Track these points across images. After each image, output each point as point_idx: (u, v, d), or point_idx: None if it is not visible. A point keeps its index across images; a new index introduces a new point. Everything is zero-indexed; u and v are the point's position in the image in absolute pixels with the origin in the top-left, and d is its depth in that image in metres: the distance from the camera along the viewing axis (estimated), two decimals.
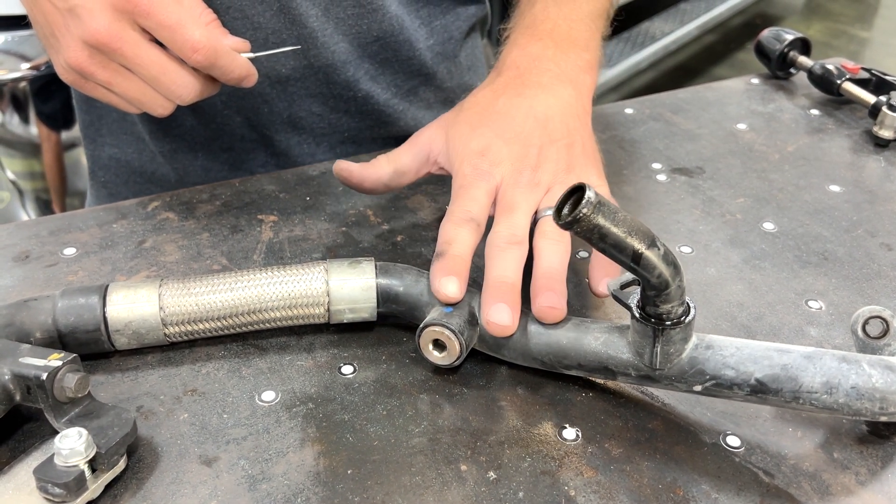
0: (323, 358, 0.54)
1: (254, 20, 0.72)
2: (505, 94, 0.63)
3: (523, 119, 0.60)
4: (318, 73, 0.77)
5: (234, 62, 0.61)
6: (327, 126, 0.81)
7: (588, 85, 0.65)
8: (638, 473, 0.47)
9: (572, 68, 0.64)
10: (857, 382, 0.45)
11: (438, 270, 0.53)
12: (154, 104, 0.61)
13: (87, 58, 0.57)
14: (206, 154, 0.81)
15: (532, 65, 0.64)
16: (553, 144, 0.60)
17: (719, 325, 0.58)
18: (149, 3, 0.56)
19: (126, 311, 0.51)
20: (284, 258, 0.64)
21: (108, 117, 0.83)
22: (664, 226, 0.69)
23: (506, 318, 0.50)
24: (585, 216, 0.40)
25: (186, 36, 0.57)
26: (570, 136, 0.61)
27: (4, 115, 1.74)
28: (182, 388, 0.52)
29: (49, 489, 0.42)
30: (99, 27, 0.55)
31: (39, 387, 0.44)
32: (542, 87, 0.62)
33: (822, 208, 0.72)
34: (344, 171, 0.64)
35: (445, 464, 0.47)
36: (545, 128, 0.60)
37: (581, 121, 0.63)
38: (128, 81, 0.59)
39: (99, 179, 0.87)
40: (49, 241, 0.64)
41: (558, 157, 0.59)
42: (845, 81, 0.88)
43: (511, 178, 0.58)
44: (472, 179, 0.58)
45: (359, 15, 0.76)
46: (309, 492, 0.45)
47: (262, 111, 0.78)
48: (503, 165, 0.58)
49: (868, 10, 4.49)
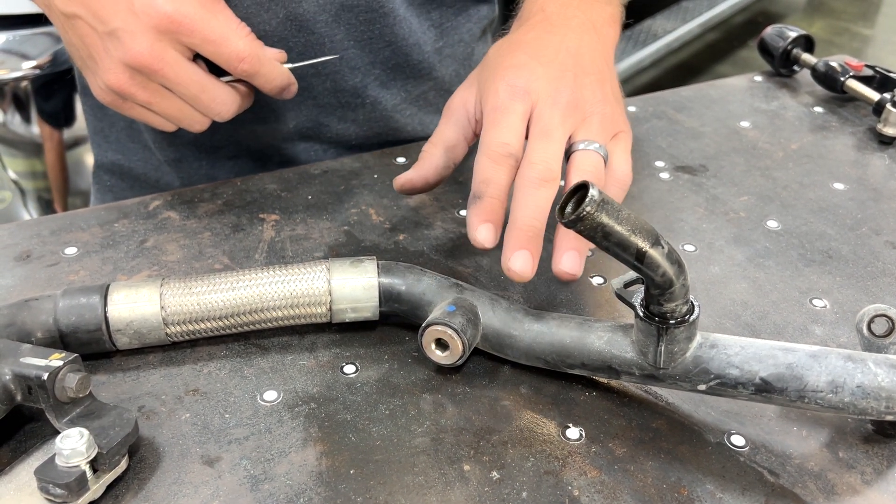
0: (325, 357, 0.54)
1: (260, 28, 0.71)
2: (534, 31, 0.61)
3: (556, 49, 0.59)
4: (325, 81, 0.77)
5: (276, 70, 0.62)
6: (334, 135, 0.81)
7: (612, 37, 0.64)
8: (642, 473, 0.46)
9: (597, 18, 0.63)
10: (863, 381, 0.45)
11: (475, 215, 0.53)
12: (192, 121, 0.62)
13: (128, 79, 0.57)
14: (212, 162, 0.81)
15: (559, 10, 0.63)
16: (587, 76, 0.58)
17: (723, 324, 0.58)
18: (192, 21, 0.56)
19: (127, 311, 0.51)
20: (286, 257, 0.63)
21: (116, 125, 0.83)
22: (667, 224, 0.69)
23: (528, 268, 0.51)
24: (589, 214, 0.39)
25: (232, 47, 0.58)
26: (601, 73, 0.59)
27: (6, 115, 1.74)
28: (184, 388, 0.51)
29: (50, 490, 0.41)
30: (142, 49, 0.56)
31: (40, 387, 0.44)
32: (571, 28, 0.61)
33: (826, 206, 0.72)
34: (406, 184, 0.62)
35: (448, 464, 0.47)
36: (577, 60, 0.59)
37: (608, 65, 0.61)
38: (167, 101, 0.59)
39: (104, 183, 0.86)
40: (50, 240, 0.64)
41: (594, 88, 0.58)
42: (849, 79, 0.88)
43: (549, 98, 0.56)
44: (506, 100, 0.56)
45: (369, 20, 0.75)
46: (311, 492, 0.45)
47: (268, 120, 0.78)
48: (540, 82, 0.56)
49: (870, 8, 4.48)
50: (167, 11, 0.56)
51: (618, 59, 3.06)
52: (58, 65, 1.57)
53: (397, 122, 0.82)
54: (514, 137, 0.54)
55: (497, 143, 0.54)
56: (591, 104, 0.57)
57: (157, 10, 0.55)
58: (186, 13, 0.56)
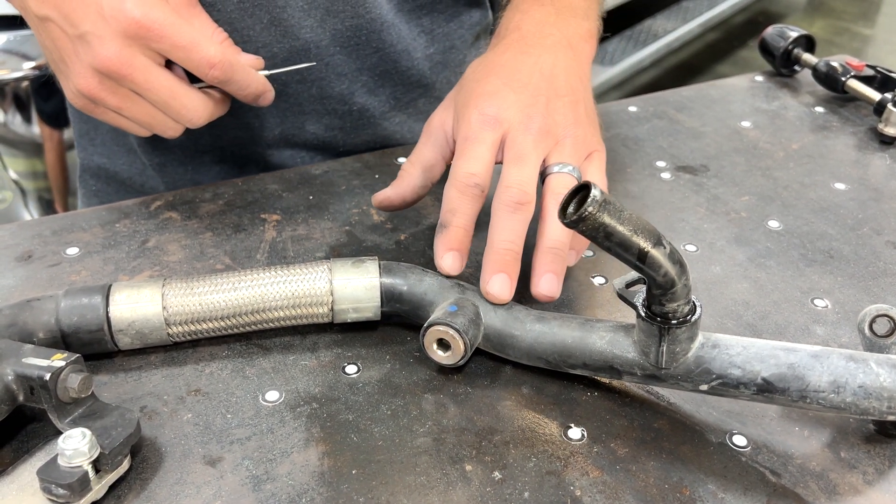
0: (327, 358, 0.54)
1: (244, 33, 0.70)
2: (509, 51, 0.62)
3: (529, 72, 0.60)
4: (311, 87, 0.76)
5: (250, 77, 0.62)
6: (320, 142, 0.80)
7: (587, 53, 0.65)
8: (644, 473, 0.46)
9: (573, 35, 0.64)
10: (865, 381, 0.45)
11: (441, 244, 0.54)
12: (164, 127, 0.61)
13: (98, 84, 0.57)
14: (196, 167, 0.80)
15: (535, 29, 0.63)
16: (560, 98, 0.59)
17: (725, 324, 0.58)
18: (161, 26, 0.55)
19: (129, 311, 0.51)
20: (288, 257, 0.63)
21: (101, 128, 0.82)
22: (668, 224, 0.69)
23: (505, 291, 0.52)
24: (591, 215, 0.39)
25: (202, 53, 0.57)
26: (575, 93, 0.60)
27: (7, 115, 1.74)
28: (186, 388, 0.51)
29: (53, 490, 0.41)
30: (109, 54, 0.55)
31: (43, 387, 0.44)
32: (546, 48, 0.62)
33: (827, 206, 0.72)
34: (384, 201, 0.63)
35: (450, 464, 0.47)
36: (551, 83, 0.59)
37: (583, 84, 0.62)
38: (138, 106, 0.59)
39: (90, 188, 0.86)
40: (52, 240, 0.64)
41: (565, 111, 0.59)
42: (850, 78, 0.88)
43: (521, 124, 0.57)
44: (477, 129, 0.57)
45: (356, 26, 0.74)
46: (313, 492, 0.45)
47: (252, 126, 0.77)
48: (511, 111, 0.57)
49: (871, 8, 4.48)
50: (135, 16, 0.55)
51: (618, 58, 3.07)
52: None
53: (386, 130, 0.81)
54: (481, 167, 0.55)
55: (463, 174, 0.55)
56: (563, 127, 0.58)
57: (125, 14, 0.54)
58: (155, 18, 0.55)
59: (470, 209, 0.55)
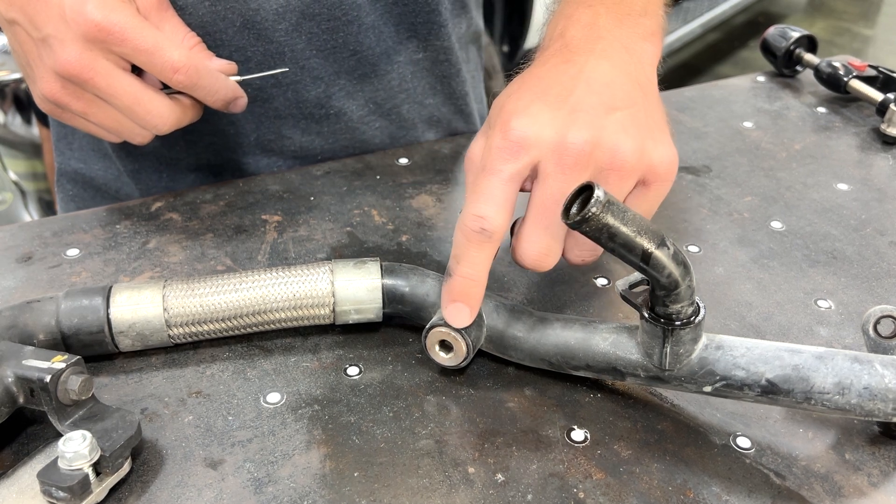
0: (328, 359, 0.54)
1: (216, 37, 0.69)
2: (550, 61, 0.53)
3: (570, 82, 0.50)
4: (286, 92, 0.74)
5: (218, 82, 0.60)
6: (297, 148, 0.78)
7: (650, 54, 0.55)
8: (647, 475, 0.46)
9: (629, 36, 0.54)
10: (870, 383, 0.44)
11: (445, 293, 0.50)
12: (131, 133, 0.60)
13: (61, 88, 0.56)
14: (171, 174, 0.79)
15: (582, 34, 0.54)
16: (613, 112, 0.49)
17: (728, 325, 0.57)
18: (122, 30, 0.54)
19: (130, 313, 0.51)
20: (289, 259, 0.63)
21: (78, 132, 0.81)
22: (671, 225, 0.68)
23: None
24: (595, 215, 0.39)
25: (165, 57, 0.56)
26: (634, 104, 0.50)
27: (7, 116, 1.74)
28: (187, 390, 0.51)
29: (53, 493, 0.41)
30: (70, 58, 0.54)
31: (43, 389, 0.43)
32: (594, 52, 0.52)
33: (830, 207, 0.71)
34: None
35: (453, 466, 0.46)
36: (601, 93, 0.49)
37: (644, 90, 0.52)
38: (103, 111, 0.58)
39: (67, 192, 0.85)
40: (52, 242, 0.64)
41: (619, 126, 0.48)
42: (852, 79, 0.87)
43: (553, 154, 0.47)
44: (495, 158, 0.48)
45: (332, 29, 0.72)
46: (315, 494, 0.45)
47: (227, 133, 0.75)
48: (544, 131, 0.47)
49: (871, 8, 4.48)
50: (96, 20, 0.53)
51: None
52: None
53: (364, 135, 0.79)
54: (493, 209, 0.47)
55: (471, 217, 0.47)
56: (610, 152, 0.48)
57: (85, 17, 0.53)
58: (116, 21, 0.54)
59: (476, 257, 0.48)
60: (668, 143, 0.51)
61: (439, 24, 0.79)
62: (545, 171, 0.48)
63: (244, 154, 0.77)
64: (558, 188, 0.47)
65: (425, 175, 0.74)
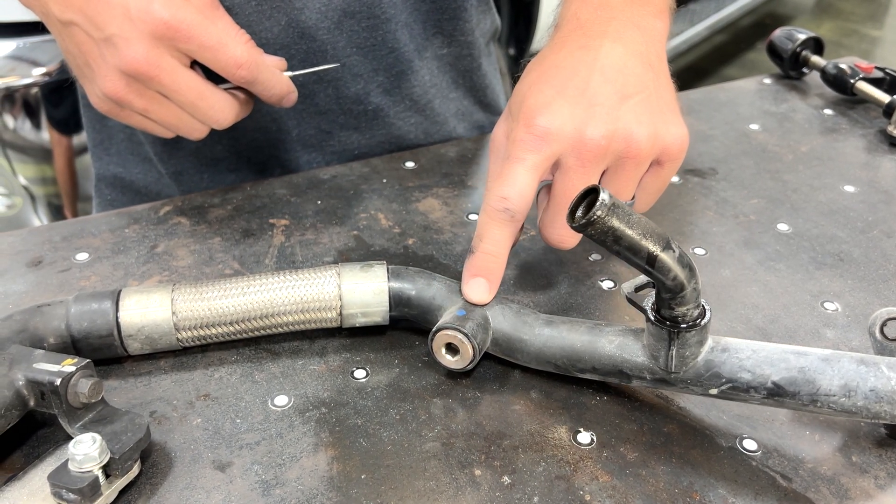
0: (335, 362, 0.54)
1: (261, 35, 0.71)
2: (566, 47, 0.56)
3: (588, 73, 0.53)
4: (327, 88, 0.76)
5: (275, 77, 0.62)
6: (337, 143, 0.80)
7: (660, 30, 0.58)
8: (654, 478, 0.46)
9: (639, 15, 0.57)
10: (877, 385, 0.44)
11: (466, 270, 0.53)
12: (190, 129, 0.61)
13: (125, 87, 0.57)
14: (213, 175, 0.81)
15: (594, 14, 0.57)
16: (627, 100, 0.52)
17: (734, 328, 0.57)
18: (189, 27, 0.55)
19: (139, 316, 0.51)
20: (296, 262, 0.63)
21: (116, 137, 0.82)
22: (677, 227, 0.68)
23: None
24: (600, 218, 0.39)
25: (230, 53, 0.57)
26: (646, 88, 0.53)
27: (16, 121, 1.75)
28: (195, 393, 0.52)
29: (63, 495, 0.42)
30: (137, 55, 0.55)
31: (53, 392, 0.44)
32: (608, 35, 0.55)
33: (836, 209, 0.71)
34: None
35: (459, 468, 0.47)
36: (615, 82, 0.53)
37: (655, 70, 0.55)
38: (165, 108, 0.59)
39: (105, 197, 0.86)
40: (62, 246, 0.64)
41: (633, 114, 0.52)
42: (859, 80, 0.87)
43: (573, 148, 0.51)
44: (520, 148, 0.51)
45: (371, 27, 0.74)
46: (323, 497, 0.45)
47: (270, 129, 0.77)
48: (565, 126, 0.51)
49: (879, 9, 4.46)
50: (164, 17, 0.55)
51: None
52: (67, 71, 1.58)
53: (400, 130, 0.82)
54: (516, 192, 0.51)
55: (495, 198, 0.52)
56: (625, 141, 0.52)
57: (153, 16, 0.55)
58: (183, 19, 0.55)
59: (499, 235, 0.52)
60: (678, 123, 0.54)
61: (465, 20, 0.82)
62: (566, 165, 0.52)
63: (285, 151, 0.79)
64: (579, 179, 0.52)
65: (431, 178, 0.75)
